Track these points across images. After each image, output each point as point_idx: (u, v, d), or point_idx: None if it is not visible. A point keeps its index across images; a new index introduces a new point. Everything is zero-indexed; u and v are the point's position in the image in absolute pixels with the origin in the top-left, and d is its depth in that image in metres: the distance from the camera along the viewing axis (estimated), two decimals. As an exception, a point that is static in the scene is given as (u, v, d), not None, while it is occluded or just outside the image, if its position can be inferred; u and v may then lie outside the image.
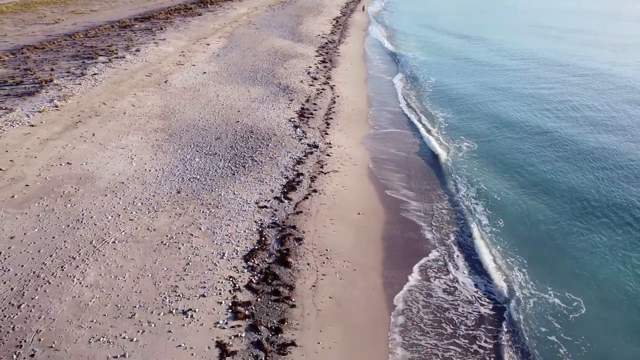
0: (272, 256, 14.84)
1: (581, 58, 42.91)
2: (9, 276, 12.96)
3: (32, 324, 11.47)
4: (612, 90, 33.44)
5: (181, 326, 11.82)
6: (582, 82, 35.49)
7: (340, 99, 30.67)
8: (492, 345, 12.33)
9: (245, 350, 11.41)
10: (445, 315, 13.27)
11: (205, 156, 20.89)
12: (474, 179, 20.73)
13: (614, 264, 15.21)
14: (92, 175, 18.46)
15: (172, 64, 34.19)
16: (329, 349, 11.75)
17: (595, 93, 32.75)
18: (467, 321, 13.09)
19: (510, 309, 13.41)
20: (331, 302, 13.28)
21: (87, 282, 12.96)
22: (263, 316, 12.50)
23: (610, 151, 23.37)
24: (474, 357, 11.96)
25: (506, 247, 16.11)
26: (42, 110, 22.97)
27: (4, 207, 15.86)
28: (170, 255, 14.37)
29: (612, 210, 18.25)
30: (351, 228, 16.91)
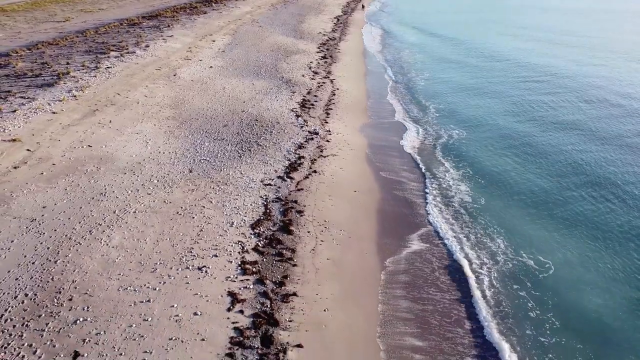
0: (276, 225, 16.56)
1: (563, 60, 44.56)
2: (45, 238, 14.72)
3: (68, 276, 13.21)
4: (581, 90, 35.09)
5: (197, 279, 13.55)
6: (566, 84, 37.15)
7: (339, 92, 32.38)
8: (468, 299, 13.99)
9: (253, 298, 13.13)
10: (431, 275, 14.95)
11: (214, 141, 22.62)
12: (459, 163, 22.37)
13: (582, 234, 16.87)
14: (112, 157, 20.22)
15: (180, 58, 35.95)
16: (326, 299, 13.46)
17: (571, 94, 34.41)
18: (449, 280, 14.76)
19: (486, 270, 15.06)
20: (328, 263, 14.99)
21: (113, 244, 14.70)
22: (268, 273, 14.22)
23: (582, 139, 25.04)
24: (452, 308, 13.63)
25: (486, 221, 17.75)
26: (62, 100, 24.73)
27: (35, 182, 17.63)
28: (185, 223, 16.10)
29: (583, 187, 19.91)
30: (347, 203, 18.62)
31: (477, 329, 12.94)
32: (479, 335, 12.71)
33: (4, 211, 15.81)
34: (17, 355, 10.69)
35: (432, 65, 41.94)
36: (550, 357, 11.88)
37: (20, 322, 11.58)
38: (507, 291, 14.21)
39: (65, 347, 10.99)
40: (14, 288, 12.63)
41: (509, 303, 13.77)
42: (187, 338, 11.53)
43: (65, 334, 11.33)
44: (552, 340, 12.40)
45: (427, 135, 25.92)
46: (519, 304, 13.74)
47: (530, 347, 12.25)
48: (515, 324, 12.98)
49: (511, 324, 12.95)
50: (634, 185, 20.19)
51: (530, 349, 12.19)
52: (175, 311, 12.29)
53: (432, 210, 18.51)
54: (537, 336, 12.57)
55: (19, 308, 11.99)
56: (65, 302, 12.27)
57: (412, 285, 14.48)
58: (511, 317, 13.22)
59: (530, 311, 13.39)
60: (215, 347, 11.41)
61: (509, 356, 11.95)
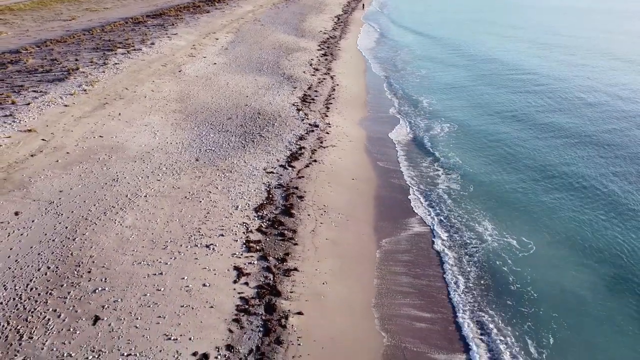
0: (278, 209, 17.61)
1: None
2: (63, 219, 15.78)
3: (85, 251, 14.27)
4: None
5: (205, 255, 14.60)
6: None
7: (339, 87, 33.42)
8: (454, 275, 15.01)
9: (257, 272, 14.18)
10: (423, 253, 15.98)
11: (219, 132, 23.68)
12: (450, 154, 23.37)
13: (564, 218, 17.91)
14: (122, 146, 21.28)
15: (185, 55, 37.02)
16: (325, 273, 14.51)
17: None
18: (437, 258, 15.79)
19: (471, 249, 16.08)
20: (327, 242, 16.04)
21: (127, 224, 15.76)
22: (271, 250, 15.27)
23: (565, 133, 26.09)
24: (438, 283, 14.66)
25: (474, 206, 18.76)
26: (73, 93, 25.80)
27: (51, 169, 18.70)
28: (193, 206, 17.15)
29: (565, 177, 20.94)
30: (346, 189, 19.66)
31: (459, 301, 13.96)
32: (459, 308, 13.72)
33: (24, 195, 16.88)
34: (43, 318, 11.75)
35: (429, 63, 42.95)
36: (528, 325, 12.89)
37: (44, 290, 12.65)
38: (489, 266, 15.23)
39: (86, 312, 12.04)
40: (37, 261, 13.69)
41: (489, 277, 14.79)
42: (197, 306, 12.58)
43: (85, 301, 12.39)
44: (531, 310, 13.42)
45: (421, 128, 26.93)
46: (499, 277, 14.76)
47: (510, 317, 13.26)
48: (494, 296, 13.99)
49: (491, 296, 13.96)
50: (613, 174, 21.20)
51: (510, 319, 13.20)
52: (185, 282, 13.34)
53: (423, 196, 19.52)
54: (516, 306, 13.60)
55: (43, 279, 13.05)
56: (84, 274, 13.33)
57: (405, 263, 15.50)
58: (491, 289, 14.24)
59: (510, 285, 14.42)
60: (222, 314, 12.46)
61: (488, 325, 12.95)
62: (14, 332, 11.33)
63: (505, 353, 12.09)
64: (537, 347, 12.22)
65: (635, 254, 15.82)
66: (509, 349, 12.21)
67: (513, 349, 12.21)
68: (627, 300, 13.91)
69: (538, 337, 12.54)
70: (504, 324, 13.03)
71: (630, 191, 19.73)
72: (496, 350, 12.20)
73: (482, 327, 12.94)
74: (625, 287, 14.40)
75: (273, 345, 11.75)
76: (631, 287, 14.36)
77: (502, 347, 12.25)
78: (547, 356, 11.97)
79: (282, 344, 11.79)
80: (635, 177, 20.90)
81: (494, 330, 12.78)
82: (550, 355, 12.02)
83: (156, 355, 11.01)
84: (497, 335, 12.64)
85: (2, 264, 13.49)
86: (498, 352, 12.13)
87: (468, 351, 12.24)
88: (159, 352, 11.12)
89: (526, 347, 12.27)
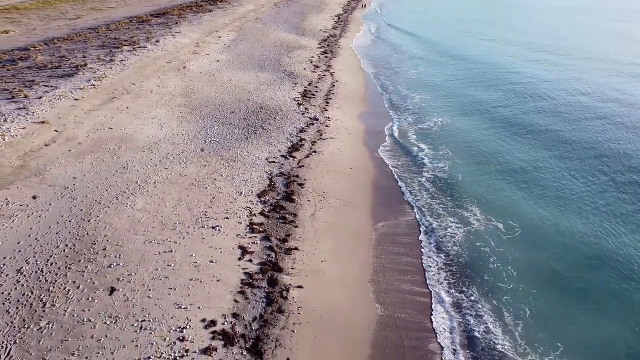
0: (280, 195, 18.62)
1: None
2: (78, 203, 16.81)
3: (100, 232, 15.29)
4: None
5: (212, 236, 15.62)
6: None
7: (339, 84, 34.43)
8: (439, 255, 16.00)
9: (260, 251, 15.19)
10: (415, 235, 16.98)
11: (223, 125, 24.70)
12: (442, 146, 24.32)
13: (547, 204, 18.91)
14: (131, 137, 22.31)
15: (189, 53, 38.05)
16: (324, 253, 15.51)
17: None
18: (428, 239, 16.79)
19: (459, 232, 17.06)
20: (326, 225, 17.04)
21: (138, 208, 16.78)
22: (273, 232, 16.28)
23: (549, 122, 27.10)
24: (427, 262, 15.66)
25: (464, 193, 19.74)
26: (83, 88, 26.84)
27: (64, 158, 19.73)
28: (200, 192, 18.17)
29: (551, 164, 21.93)
30: (344, 178, 20.67)
31: (443, 277, 14.96)
32: (444, 283, 14.72)
33: (41, 181, 17.91)
34: (64, 289, 12.78)
35: (426, 62, 43.91)
36: (506, 299, 13.86)
37: (64, 265, 13.67)
38: (473, 247, 16.20)
39: (103, 284, 13.06)
40: (55, 240, 14.71)
41: (473, 256, 15.77)
42: (205, 279, 13.60)
43: (102, 275, 13.41)
44: (510, 286, 14.39)
45: (416, 122, 27.89)
46: (482, 257, 15.75)
47: (487, 292, 14.23)
48: (474, 273, 14.97)
49: (471, 273, 14.95)
50: (598, 161, 22.20)
51: (486, 293, 14.16)
52: (194, 259, 14.36)
53: (417, 184, 20.51)
54: (495, 282, 14.58)
55: (62, 255, 14.08)
56: (100, 251, 14.35)
57: (400, 244, 16.50)
58: (473, 267, 15.22)
59: (491, 264, 15.38)
60: (229, 287, 13.47)
61: (468, 299, 13.94)
62: (37, 300, 12.35)
63: (479, 322, 13.05)
64: (513, 318, 13.18)
65: (615, 237, 16.80)
66: (485, 317, 13.17)
67: (489, 318, 13.14)
68: (604, 278, 14.87)
69: (515, 309, 13.50)
70: (481, 297, 13.98)
71: (613, 181, 20.70)
72: (471, 319, 13.16)
73: (459, 299, 13.92)
74: (604, 267, 15.35)
75: (275, 314, 12.75)
76: (609, 267, 15.32)
77: (475, 319, 13.20)
78: (522, 327, 12.92)
79: (283, 313, 12.80)
80: (617, 168, 21.86)
81: (471, 302, 13.75)
82: (525, 325, 12.97)
83: (168, 322, 12.02)
84: (474, 306, 13.63)
85: (24, 242, 14.52)
86: (473, 322, 13.09)
87: (451, 320, 13.26)
88: (170, 318, 12.13)
89: (502, 317, 13.22)
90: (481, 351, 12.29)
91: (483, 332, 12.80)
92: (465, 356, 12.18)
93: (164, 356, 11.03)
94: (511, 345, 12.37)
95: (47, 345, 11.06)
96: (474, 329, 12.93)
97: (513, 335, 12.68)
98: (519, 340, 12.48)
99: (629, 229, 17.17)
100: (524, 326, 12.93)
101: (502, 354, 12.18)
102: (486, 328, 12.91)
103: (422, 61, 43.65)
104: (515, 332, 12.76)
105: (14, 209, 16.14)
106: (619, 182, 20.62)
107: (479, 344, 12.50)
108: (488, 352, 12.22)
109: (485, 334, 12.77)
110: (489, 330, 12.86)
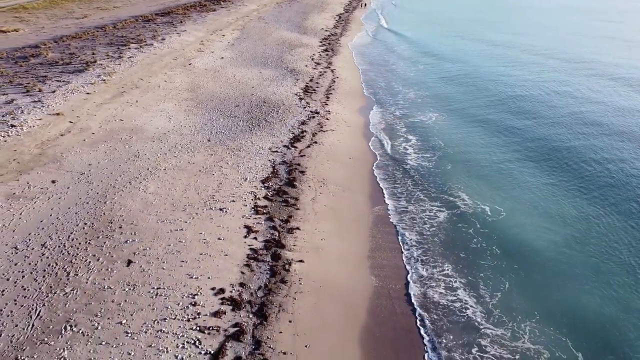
0: (282, 181, 19.79)
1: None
2: (94, 186, 18.00)
3: (116, 212, 16.48)
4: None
5: (219, 216, 16.79)
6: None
7: (339, 80, 35.60)
8: (424, 235, 17.15)
9: (264, 230, 16.36)
10: (411, 215, 18.14)
11: (228, 118, 25.89)
12: (435, 137, 25.50)
13: (533, 189, 20.06)
14: (141, 128, 23.50)
15: (194, 50, 39.26)
16: (323, 232, 16.68)
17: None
18: (419, 220, 17.94)
19: (441, 215, 18.19)
20: (326, 208, 18.21)
21: (150, 191, 17.97)
22: (276, 213, 17.44)
23: (534, 115, 28.26)
24: (418, 242, 16.81)
25: (453, 179, 20.87)
26: (93, 83, 28.05)
27: (79, 146, 20.94)
28: (207, 178, 19.35)
29: (539, 154, 23.08)
30: (343, 166, 21.83)
31: (427, 256, 16.11)
32: (427, 262, 15.87)
33: (58, 167, 19.11)
34: (85, 261, 13.96)
35: (425, 59, 45.10)
36: (486, 274, 14.95)
37: (84, 240, 14.86)
38: (457, 228, 17.31)
39: (121, 257, 14.24)
40: (75, 219, 15.90)
41: (458, 236, 16.86)
42: (214, 254, 14.77)
43: (119, 249, 14.59)
44: (493, 263, 15.49)
45: (413, 115, 29.05)
46: (465, 236, 16.82)
47: (468, 265, 15.33)
48: (456, 250, 16.06)
49: (453, 250, 16.05)
50: (582, 153, 23.34)
51: (468, 267, 15.26)
52: (203, 236, 15.53)
53: (413, 170, 21.68)
54: (476, 260, 15.66)
55: (82, 232, 15.27)
56: (116, 229, 15.54)
57: (394, 225, 17.66)
58: (456, 246, 16.29)
59: (474, 244, 16.43)
60: (235, 260, 14.64)
61: (449, 274, 15.07)
62: (62, 270, 13.54)
63: (458, 291, 14.22)
64: (491, 290, 14.23)
65: (597, 218, 17.94)
66: (461, 288, 14.31)
67: (467, 290, 14.24)
68: (584, 256, 15.96)
69: (494, 283, 14.55)
70: (461, 271, 15.05)
71: (597, 170, 21.84)
72: (449, 288, 14.33)
73: (442, 274, 15.07)
74: (585, 246, 16.46)
75: (278, 283, 13.92)
76: (589, 246, 16.44)
77: (449, 291, 14.33)
78: (499, 298, 13.95)
79: (285, 283, 13.96)
80: (601, 156, 23.00)
81: (450, 275, 14.87)
82: (503, 297, 13.98)
83: (181, 289, 13.20)
84: (453, 278, 14.75)
85: (46, 220, 15.72)
86: (451, 289, 14.26)
87: (424, 288, 14.42)
88: (183, 286, 13.31)
89: (478, 290, 14.28)
90: (456, 319, 13.31)
91: (457, 301, 13.87)
92: (437, 323, 13.24)
93: (177, 317, 12.21)
94: (484, 314, 13.36)
95: (72, 308, 12.24)
96: (449, 299, 13.97)
97: (488, 305, 13.64)
98: (493, 311, 13.45)
99: (607, 212, 18.33)
100: (500, 297, 14.00)
101: (475, 322, 13.18)
102: (461, 298, 13.96)
103: (420, 59, 44.79)
104: (491, 303, 13.76)
105: (35, 191, 17.34)
106: (601, 170, 21.73)
107: (454, 313, 13.58)
108: (462, 318, 13.28)
109: (459, 302, 13.84)
110: (462, 299, 13.91)
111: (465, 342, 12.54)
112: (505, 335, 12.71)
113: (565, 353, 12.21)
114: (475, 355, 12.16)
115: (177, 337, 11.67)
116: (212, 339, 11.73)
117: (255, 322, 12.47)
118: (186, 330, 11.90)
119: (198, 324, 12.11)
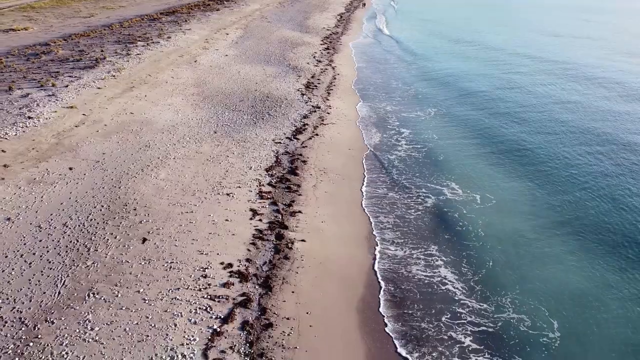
0: (285, 169, 20.94)
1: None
2: (108, 173, 19.18)
3: (130, 196, 17.65)
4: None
5: (226, 201, 17.95)
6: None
7: (340, 77, 36.75)
8: (415, 217, 18.28)
9: (268, 213, 17.52)
10: (403, 202, 19.28)
11: (233, 111, 27.06)
12: (431, 131, 26.68)
13: (524, 182, 21.19)
14: (151, 121, 24.69)
15: (199, 48, 40.45)
16: (324, 215, 17.83)
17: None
18: (411, 206, 19.07)
19: (437, 201, 19.34)
20: (326, 194, 19.36)
21: (161, 178, 19.14)
22: (279, 198, 18.60)
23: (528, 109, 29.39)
24: (410, 223, 17.96)
25: (447, 170, 21.99)
26: (104, 78, 29.24)
27: (93, 137, 22.13)
28: (214, 166, 20.52)
29: (528, 146, 24.21)
30: (343, 157, 22.98)
31: (418, 239, 17.25)
32: (416, 244, 17.01)
33: (74, 155, 20.30)
34: (103, 238, 15.13)
35: (423, 59, 46.22)
36: (470, 253, 16.07)
37: (101, 221, 16.03)
38: (446, 214, 18.43)
39: (136, 235, 15.41)
40: (92, 201, 17.09)
41: (447, 221, 17.99)
42: (222, 233, 15.93)
43: (134, 228, 15.76)
44: (478, 244, 16.60)
45: (411, 111, 30.19)
46: (453, 221, 17.95)
47: (452, 246, 16.46)
48: (442, 233, 17.19)
49: (436, 233, 17.17)
50: (572, 147, 24.46)
51: (452, 247, 16.39)
52: (212, 218, 16.69)
53: (410, 159, 22.82)
54: (460, 240, 16.80)
55: (99, 213, 16.44)
56: (131, 211, 16.71)
57: (392, 210, 18.80)
58: (443, 230, 17.40)
59: (460, 228, 17.56)
60: (242, 239, 15.80)
61: (433, 253, 16.20)
62: (82, 246, 14.72)
63: (439, 267, 15.39)
64: (474, 269, 15.33)
65: (582, 204, 19.07)
66: (443, 266, 15.47)
67: (448, 267, 15.38)
68: (567, 238, 17.08)
69: (477, 262, 15.66)
70: (448, 252, 16.19)
71: (583, 161, 22.96)
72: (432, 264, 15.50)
73: (430, 253, 16.22)
74: (568, 231, 17.56)
75: (282, 260, 15.08)
76: (573, 230, 17.56)
77: (431, 269, 15.47)
78: (482, 276, 15.07)
79: (288, 259, 15.12)
80: (589, 146, 24.12)
81: (435, 254, 16.02)
82: (485, 275, 15.09)
83: (193, 264, 14.36)
84: (437, 256, 15.88)
85: (66, 202, 16.91)
86: (434, 265, 15.43)
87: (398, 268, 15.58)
88: (194, 261, 14.47)
89: (459, 267, 15.40)
90: (442, 295, 14.49)
91: (443, 278, 15.01)
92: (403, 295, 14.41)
93: (190, 287, 13.37)
94: (466, 290, 14.49)
95: (94, 278, 13.41)
96: (431, 275, 15.10)
97: (470, 281, 14.77)
98: (475, 287, 14.57)
99: (591, 197, 19.47)
100: (483, 275, 15.11)
101: (452, 293, 14.33)
102: (445, 275, 15.11)
103: (418, 59, 45.88)
104: (474, 278, 14.90)
105: (54, 177, 18.53)
106: (591, 162, 22.86)
107: (438, 291, 14.71)
108: (439, 290, 14.43)
109: (445, 281, 15.00)
110: (447, 278, 15.06)
111: (436, 308, 13.73)
112: (489, 309, 13.85)
113: (542, 320, 13.34)
114: (437, 319, 13.30)
115: (190, 304, 12.84)
116: (222, 306, 12.89)
117: (261, 292, 13.63)
118: (198, 298, 13.06)
119: (209, 293, 13.27)
